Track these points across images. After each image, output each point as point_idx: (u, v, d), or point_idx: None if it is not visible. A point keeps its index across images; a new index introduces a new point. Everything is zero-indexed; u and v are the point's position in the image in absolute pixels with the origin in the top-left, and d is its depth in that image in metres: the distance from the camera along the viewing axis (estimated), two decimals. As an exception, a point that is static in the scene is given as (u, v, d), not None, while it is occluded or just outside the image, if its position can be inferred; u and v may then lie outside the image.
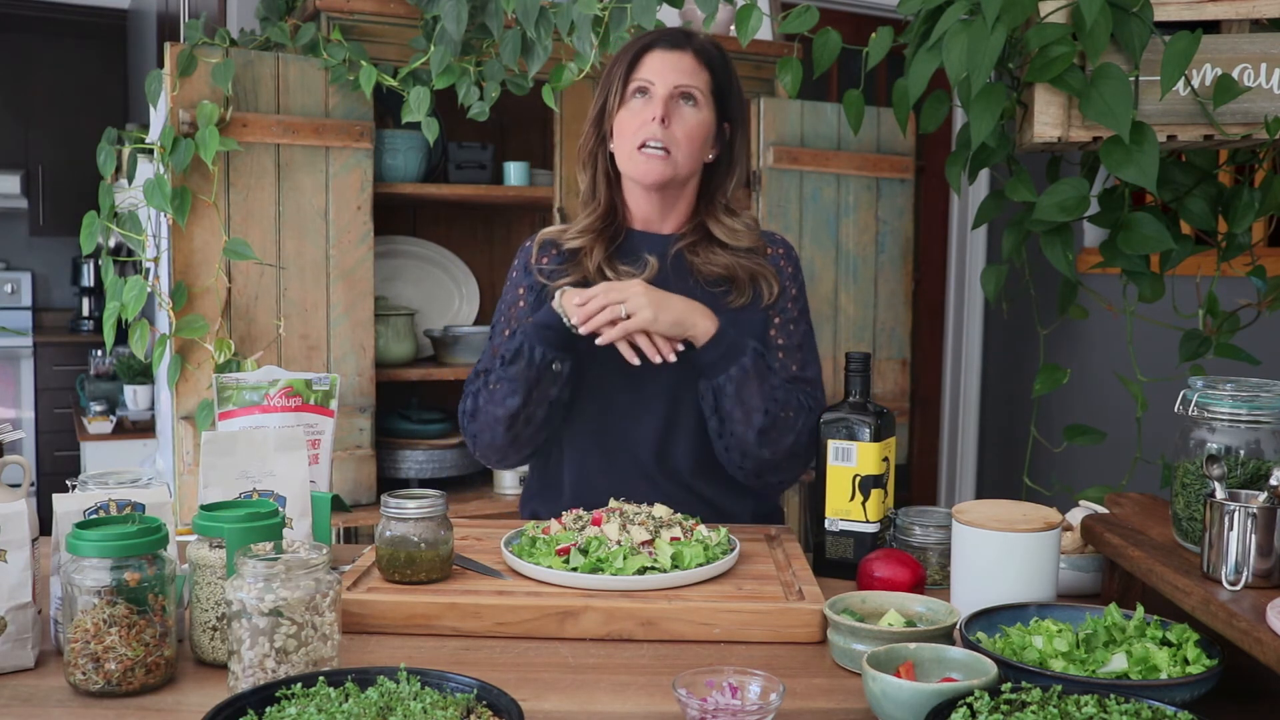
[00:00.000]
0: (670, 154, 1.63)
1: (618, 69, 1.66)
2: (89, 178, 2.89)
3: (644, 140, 1.62)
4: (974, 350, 4.46)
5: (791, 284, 1.74)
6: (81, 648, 1.08)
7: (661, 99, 1.62)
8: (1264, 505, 1.09)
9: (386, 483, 2.73)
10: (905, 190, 3.13)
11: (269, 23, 2.74)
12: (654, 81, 1.63)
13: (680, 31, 1.68)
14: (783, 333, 1.71)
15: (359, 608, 1.27)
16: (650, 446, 1.68)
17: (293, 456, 1.35)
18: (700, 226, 1.71)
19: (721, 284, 1.69)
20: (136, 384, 4.04)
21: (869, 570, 1.39)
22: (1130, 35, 1.60)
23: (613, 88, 1.65)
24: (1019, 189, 1.84)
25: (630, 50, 1.66)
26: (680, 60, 1.64)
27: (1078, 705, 0.95)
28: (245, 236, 2.41)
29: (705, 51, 1.67)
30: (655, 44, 1.65)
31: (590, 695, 1.11)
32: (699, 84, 1.64)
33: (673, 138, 1.62)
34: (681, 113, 1.64)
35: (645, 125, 1.62)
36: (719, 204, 1.72)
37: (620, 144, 1.66)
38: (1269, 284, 2.01)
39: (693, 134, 1.64)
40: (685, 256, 1.70)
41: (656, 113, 1.61)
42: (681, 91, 1.63)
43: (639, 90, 1.64)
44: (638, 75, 1.64)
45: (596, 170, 1.71)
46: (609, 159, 1.71)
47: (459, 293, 3.11)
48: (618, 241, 1.71)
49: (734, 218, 1.72)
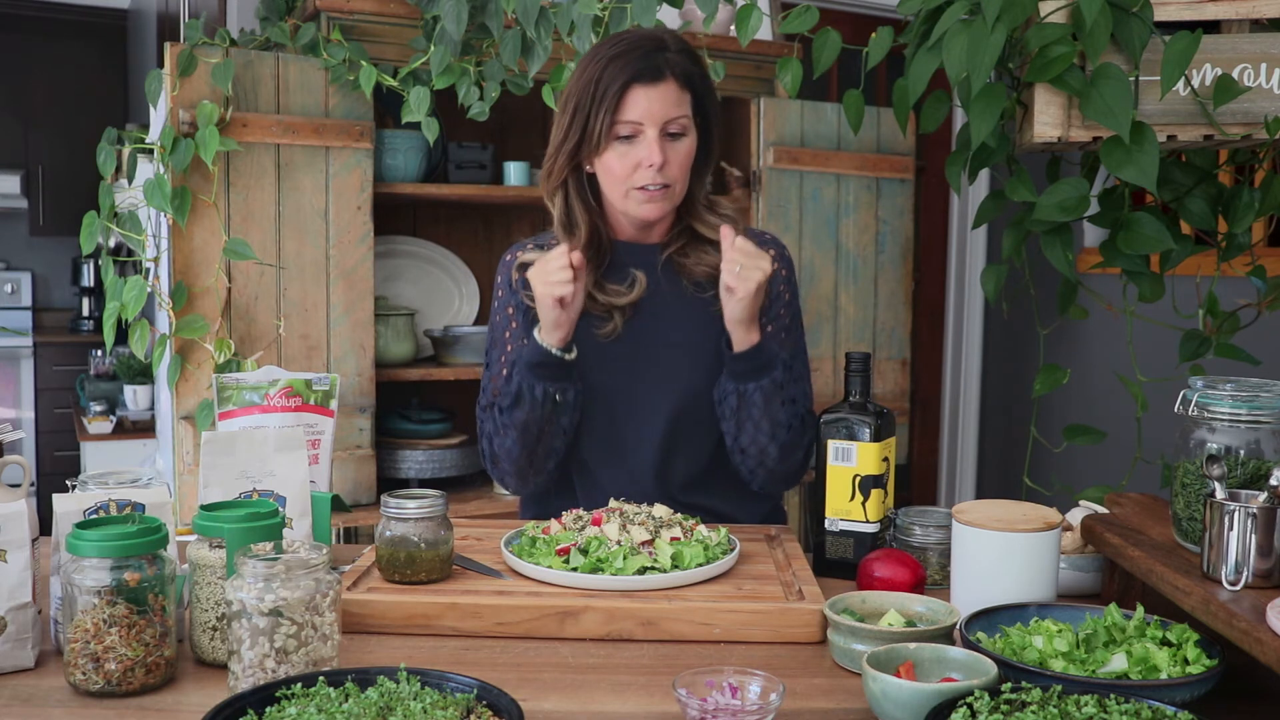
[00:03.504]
0: (670, 188, 1.59)
1: (599, 106, 1.55)
2: (89, 178, 2.89)
3: (642, 184, 1.58)
4: (974, 350, 4.46)
5: (785, 288, 1.72)
6: (81, 648, 1.08)
7: (654, 142, 1.55)
8: (1264, 505, 1.09)
9: (386, 483, 2.73)
10: (905, 190, 3.13)
11: (269, 23, 2.74)
12: (642, 124, 1.55)
13: (652, 48, 1.57)
14: (774, 339, 1.68)
15: (359, 608, 1.27)
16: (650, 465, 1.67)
17: (293, 456, 1.35)
18: (686, 230, 1.68)
19: (711, 286, 1.66)
20: (136, 384, 4.04)
21: (869, 570, 1.39)
22: (1130, 35, 1.60)
23: (596, 124, 1.56)
24: (1019, 189, 1.84)
25: (611, 87, 1.54)
26: (665, 94, 1.55)
27: (1078, 705, 0.95)
28: (245, 236, 2.41)
29: (683, 71, 1.58)
30: (635, 80, 1.54)
31: (590, 695, 1.11)
32: (684, 112, 1.58)
33: (671, 173, 1.58)
34: (673, 147, 1.58)
35: (641, 171, 1.57)
36: (699, 203, 1.67)
37: (611, 186, 1.61)
38: (1269, 284, 2.01)
39: (685, 164, 1.60)
40: (674, 261, 1.68)
41: (654, 159, 1.55)
42: (670, 129, 1.57)
43: (625, 135, 1.56)
44: (624, 118, 1.55)
45: (570, 196, 1.64)
46: (585, 183, 1.65)
47: (459, 293, 3.11)
48: (603, 266, 1.67)
49: (714, 213, 1.68)
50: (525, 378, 1.59)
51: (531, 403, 1.59)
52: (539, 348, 1.58)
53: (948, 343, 4.52)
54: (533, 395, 1.59)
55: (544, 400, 1.59)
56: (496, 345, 1.73)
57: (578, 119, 1.58)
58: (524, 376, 1.59)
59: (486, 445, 1.69)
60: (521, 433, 1.61)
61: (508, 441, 1.64)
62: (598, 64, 1.57)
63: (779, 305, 1.71)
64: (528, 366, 1.59)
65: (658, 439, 1.67)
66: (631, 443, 1.67)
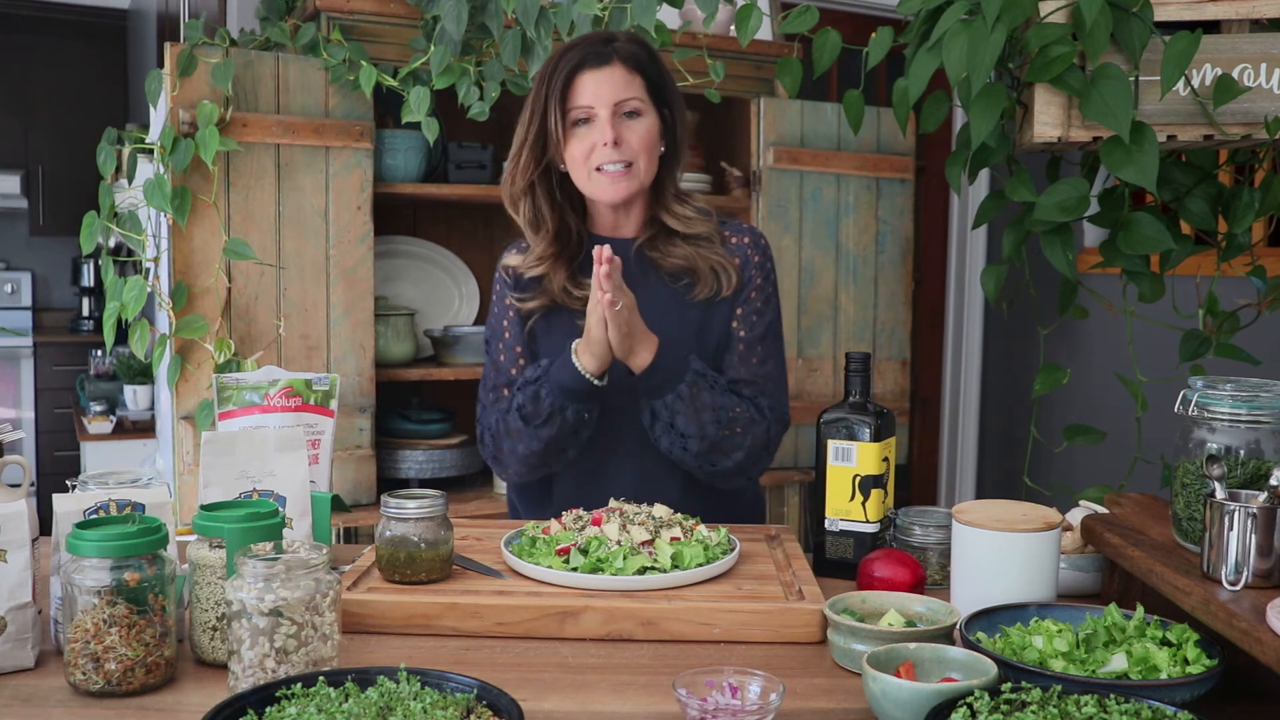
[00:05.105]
0: (632, 166, 1.63)
1: (551, 98, 1.62)
2: (89, 178, 2.89)
3: (599, 165, 1.62)
4: (974, 350, 4.46)
5: (757, 273, 1.73)
6: (81, 648, 1.08)
7: (606, 122, 1.61)
8: (1264, 505, 1.09)
9: (386, 483, 2.73)
10: (905, 190, 3.13)
11: (269, 23, 2.74)
12: (593, 106, 1.61)
13: (599, 41, 1.64)
14: (744, 324, 1.71)
15: (359, 608, 1.27)
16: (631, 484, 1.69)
17: (293, 456, 1.35)
18: (655, 220, 1.71)
19: (684, 277, 1.69)
20: (136, 384, 4.04)
21: (869, 570, 1.39)
22: (1130, 35, 1.60)
23: (551, 117, 1.62)
24: (1019, 189, 1.84)
25: (558, 77, 1.62)
26: (612, 75, 1.61)
27: (1078, 705, 0.95)
28: (245, 236, 2.41)
29: (631, 56, 1.63)
30: (582, 65, 1.61)
31: (590, 695, 1.11)
32: (636, 93, 1.63)
33: (630, 150, 1.62)
34: (629, 126, 1.63)
35: (597, 150, 1.62)
36: (669, 194, 1.71)
37: (576, 171, 1.65)
38: (1269, 284, 2.01)
39: (645, 142, 1.64)
40: (646, 254, 1.70)
41: (607, 137, 1.60)
42: (623, 109, 1.62)
43: (580, 120, 1.62)
44: (574, 104, 1.62)
45: (537, 197, 1.69)
46: (555, 183, 1.69)
47: (459, 293, 3.11)
48: (578, 259, 1.71)
49: (684, 205, 1.71)
50: (558, 399, 1.61)
51: (562, 422, 1.62)
52: (576, 374, 1.60)
53: (948, 343, 4.53)
54: (563, 416, 1.62)
55: (574, 420, 1.63)
56: (495, 334, 1.77)
57: (535, 116, 1.65)
58: (556, 398, 1.61)
59: (489, 437, 1.72)
60: (545, 446, 1.65)
61: (521, 448, 1.66)
62: (549, 63, 1.65)
63: (749, 289, 1.72)
64: (561, 390, 1.61)
65: (636, 465, 1.70)
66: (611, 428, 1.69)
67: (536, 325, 1.71)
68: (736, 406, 1.64)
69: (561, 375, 1.61)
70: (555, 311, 1.71)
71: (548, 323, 1.71)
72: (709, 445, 1.62)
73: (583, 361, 1.59)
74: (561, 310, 1.70)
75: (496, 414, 1.70)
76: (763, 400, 1.69)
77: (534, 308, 1.70)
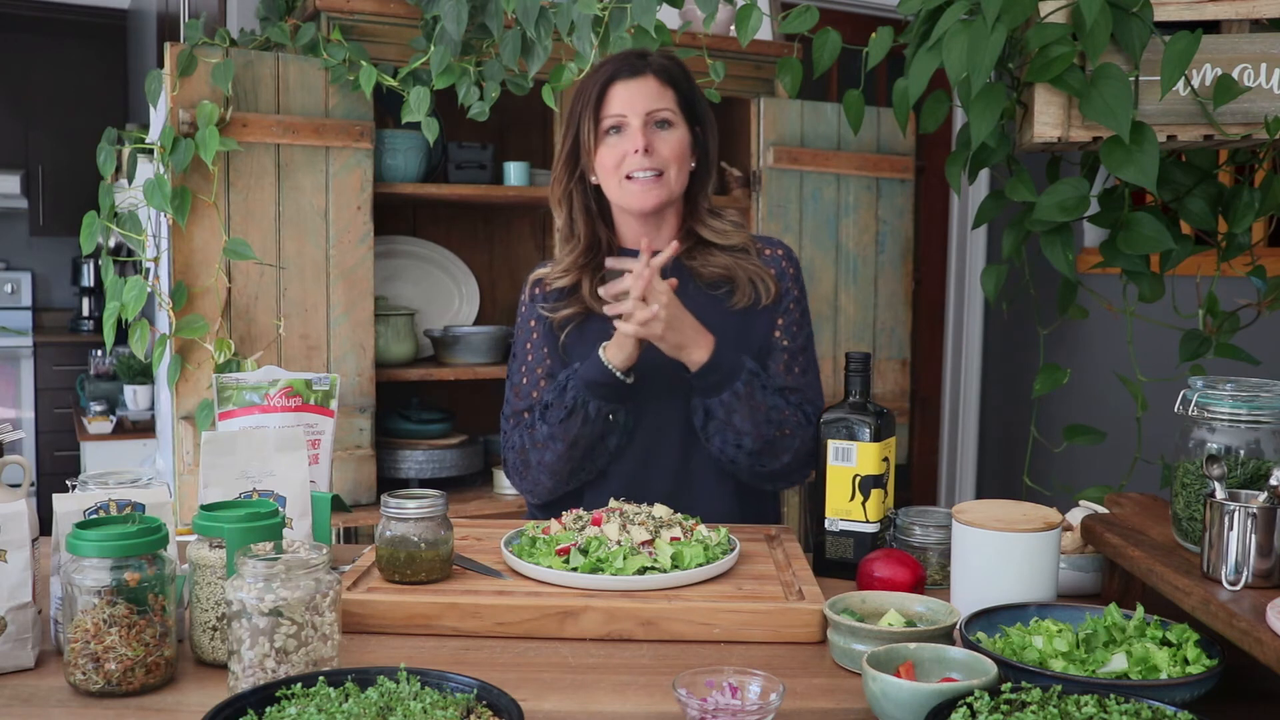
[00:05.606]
0: (663, 175, 1.65)
1: (585, 108, 1.66)
2: (89, 178, 2.89)
3: (629, 172, 1.64)
4: (974, 350, 4.45)
5: (794, 285, 1.76)
6: (81, 648, 1.08)
7: (638, 130, 1.63)
8: (1264, 505, 1.09)
9: (386, 483, 2.73)
10: (905, 190, 3.13)
11: (269, 23, 2.74)
12: (625, 114, 1.64)
13: (634, 55, 1.68)
14: (786, 334, 1.73)
15: (359, 608, 1.27)
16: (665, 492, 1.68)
17: (293, 456, 1.35)
18: (691, 233, 1.73)
19: (722, 285, 1.71)
20: (136, 384, 4.04)
21: (869, 570, 1.39)
22: (1130, 35, 1.60)
23: (584, 127, 1.66)
24: (1019, 189, 1.84)
25: (593, 87, 1.65)
26: (645, 86, 1.65)
27: (1078, 705, 0.95)
28: (245, 236, 2.41)
29: (664, 70, 1.67)
30: (616, 76, 1.65)
31: (590, 695, 1.11)
32: (668, 104, 1.66)
33: (661, 159, 1.64)
34: (660, 135, 1.65)
35: (628, 158, 1.64)
36: (702, 208, 1.74)
37: (607, 180, 1.68)
38: (1269, 284, 2.01)
39: (676, 152, 1.66)
40: (684, 264, 1.71)
41: (638, 144, 1.63)
42: (655, 119, 1.65)
43: (613, 128, 1.65)
44: (608, 112, 1.65)
45: (573, 206, 1.72)
46: (589, 194, 1.72)
47: (459, 293, 3.11)
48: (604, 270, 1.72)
49: (718, 219, 1.75)
50: (581, 393, 1.62)
51: (584, 418, 1.62)
52: (601, 366, 1.61)
53: (948, 343, 4.52)
54: (586, 411, 1.62)
55: (597, 418, 1.62)
56: (517, 358, 1.77)
57: (570, 126, 1.68)
58: (580, 392, 1.62)
59: (516, 457, 1.71)
60: (569, 447, 1.64)
61: (549, 455, 1.66)
62: (586, 78, 1.69)
63: (788, 300, 1.74)
64: (585, 383, 1.62)
65: (676, 435, 1.69)
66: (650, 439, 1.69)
67: (570, 336, 1.71)
68: (785, 409, 1.65)
69: (587, 370, 1.62)
70: (588, 321, 1.71)
71: (581, 333, 1.71)
72: (763, 444, 1.63)
73: (608, 355, 1.60)
74: (593, 320, 1.70)
75: (520, 432, 1.70)
76: (807, 407, 1.70)
77: (567, 315, 1.71)
